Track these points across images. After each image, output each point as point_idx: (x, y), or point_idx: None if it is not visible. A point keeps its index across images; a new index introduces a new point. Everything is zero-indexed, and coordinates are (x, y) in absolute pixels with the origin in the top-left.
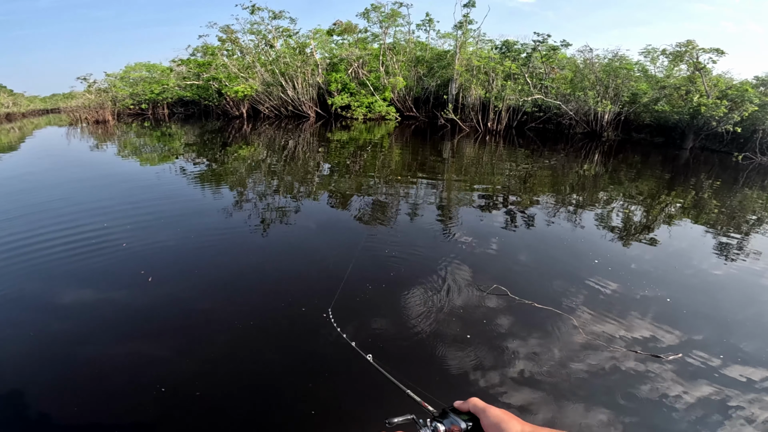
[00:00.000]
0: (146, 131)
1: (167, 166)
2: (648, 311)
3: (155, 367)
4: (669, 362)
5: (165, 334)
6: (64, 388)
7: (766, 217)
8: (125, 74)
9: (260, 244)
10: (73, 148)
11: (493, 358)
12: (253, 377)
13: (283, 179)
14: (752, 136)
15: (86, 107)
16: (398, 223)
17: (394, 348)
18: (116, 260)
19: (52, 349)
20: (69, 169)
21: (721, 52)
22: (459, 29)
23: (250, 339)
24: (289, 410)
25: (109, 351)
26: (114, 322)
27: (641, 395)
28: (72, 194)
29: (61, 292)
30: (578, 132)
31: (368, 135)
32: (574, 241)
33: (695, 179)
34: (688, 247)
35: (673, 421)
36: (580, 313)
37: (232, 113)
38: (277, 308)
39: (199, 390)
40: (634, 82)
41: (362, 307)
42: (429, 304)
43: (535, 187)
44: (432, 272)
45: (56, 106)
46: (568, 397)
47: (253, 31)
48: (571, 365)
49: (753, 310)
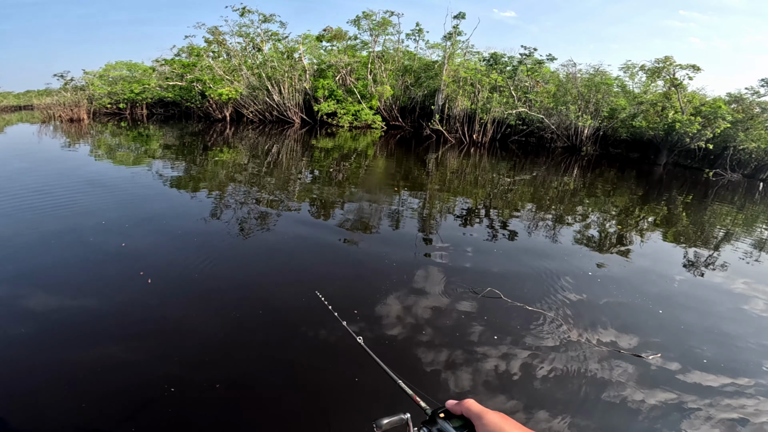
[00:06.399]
0: (122, 131)
1: (140, 169)
2: (628, 317)
3: (126, 371)
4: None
5: (139, 336)
6: (26, 395)
7: (734, 232)
8: (104, 72)
9: (235, 248)
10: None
11: (482, 358)
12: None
13: (264, 185)
14: (723, 152)
15: (60, 105)
16: (380, 231)
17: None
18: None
19: (10, 355)
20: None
21: (697, 69)
22: (448, 40)
23: (229, 339)
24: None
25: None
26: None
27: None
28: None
29: (25, 295)
30: (559, 146)
31: (353, 143)
32: (559, 249)
33: (668, 195)
34: (662, 258)
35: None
36: (562, 315)
37: (215, 116)
38: (257, 310)
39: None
40: (614, 97)
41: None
42: (401, 305)
43: (519, 199)
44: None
45: (29, 103)
46: (546, 400)
47: (242, 33)
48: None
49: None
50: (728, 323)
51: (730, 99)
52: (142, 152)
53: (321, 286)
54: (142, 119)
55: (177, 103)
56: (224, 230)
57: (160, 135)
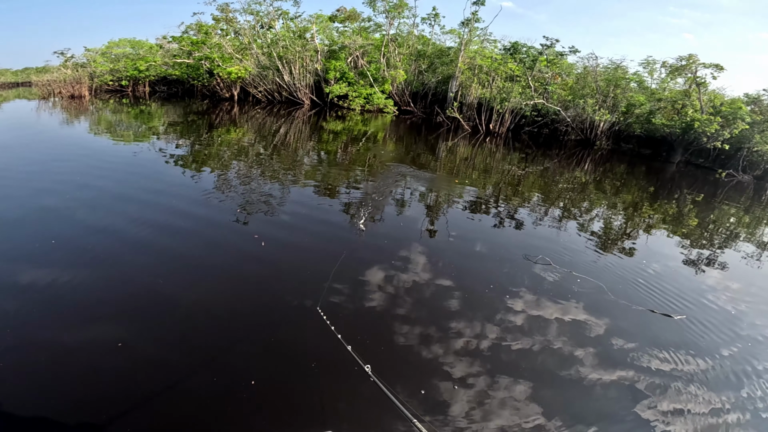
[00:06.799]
0: (123, 108)
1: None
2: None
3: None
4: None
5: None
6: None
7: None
8: (107, 50)
9: (235, 229)
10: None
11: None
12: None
13: (272, 166)
14: (736, 153)
15: (61, 81)
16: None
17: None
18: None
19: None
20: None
21: (721, 68)
22: (466, 26)
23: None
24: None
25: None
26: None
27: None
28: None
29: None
30: (572, 138)
31: (364, 127)
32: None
33: (686, 192)
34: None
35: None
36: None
37: (222, 95)
38: (254, 294)
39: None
40: (632, 93)
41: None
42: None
43: (546, 190)
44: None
45: (28, 80)
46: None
47: (252, 11)
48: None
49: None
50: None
51: (747, 100)
52: (145, 130)
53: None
54: (144, 96)
55: (181, 81)
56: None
57: (161, 113)
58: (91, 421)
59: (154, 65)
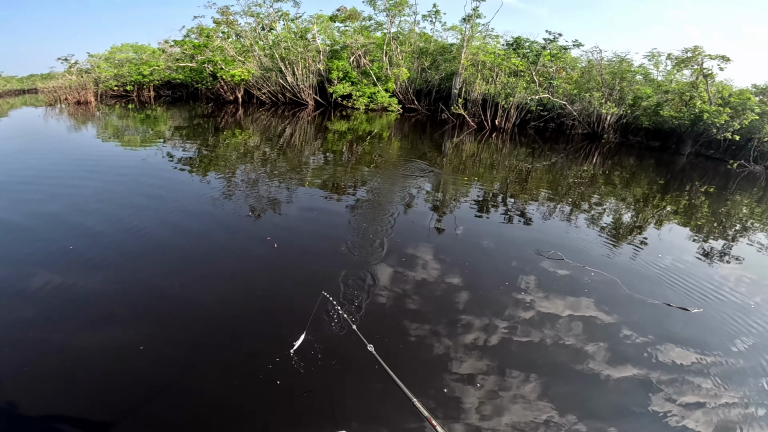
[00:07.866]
0: (129, 113)
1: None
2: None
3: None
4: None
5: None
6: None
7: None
8: (110, 55)
9: (246, 230)
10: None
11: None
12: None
13: (280, 167)
14: (747, 144)
15: (66, 87)
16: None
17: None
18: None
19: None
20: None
21: (727, 59)
22: (467, 22)
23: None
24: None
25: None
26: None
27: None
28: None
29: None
30: (579, 132)
31: (369, 126)
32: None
33: (697, 184)
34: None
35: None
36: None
37: (226, 97)
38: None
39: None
40: (639, 85)
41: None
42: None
43: (555, 184)
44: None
45: (33, 87)
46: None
47: (252, 13)
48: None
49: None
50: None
51: (756, 91)
52: (151, 134)
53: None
54: (149, 101)
55: (185, 85)
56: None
57: (166, 117)
58: (108, 420)
59: (158, 69)
